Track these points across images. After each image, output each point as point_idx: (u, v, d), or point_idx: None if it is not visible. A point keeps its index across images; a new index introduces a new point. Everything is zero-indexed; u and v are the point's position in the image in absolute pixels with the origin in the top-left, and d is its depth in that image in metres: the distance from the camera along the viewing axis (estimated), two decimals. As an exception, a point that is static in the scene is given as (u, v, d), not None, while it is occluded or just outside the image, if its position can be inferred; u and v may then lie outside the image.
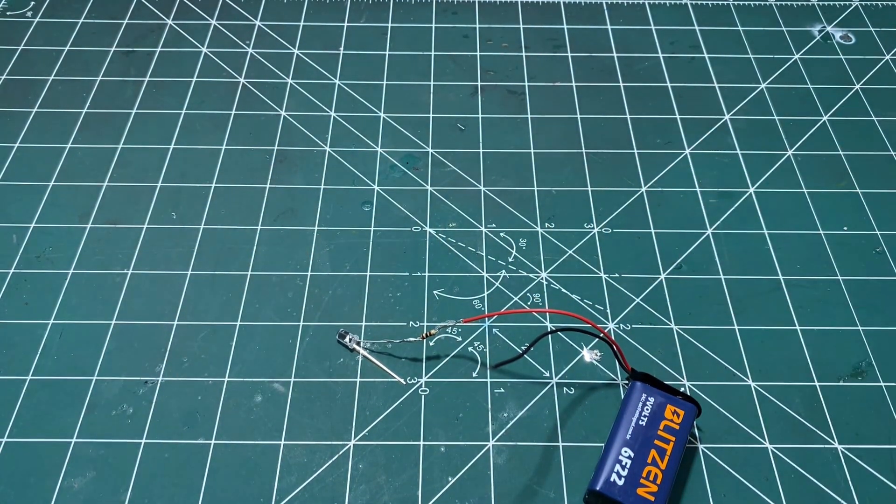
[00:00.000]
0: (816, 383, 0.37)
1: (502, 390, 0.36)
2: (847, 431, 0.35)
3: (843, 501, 0.33)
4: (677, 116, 0.49)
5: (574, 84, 0.51)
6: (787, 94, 0.51)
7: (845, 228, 0.43)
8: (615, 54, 0.54)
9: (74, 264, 0.41)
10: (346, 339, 0.37)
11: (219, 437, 0.34)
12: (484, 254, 0.42)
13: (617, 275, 0.41)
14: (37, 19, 0.55)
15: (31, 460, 0.33)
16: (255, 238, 0.42)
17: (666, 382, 0.34)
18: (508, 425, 0.35)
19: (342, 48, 0.54)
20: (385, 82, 0.51)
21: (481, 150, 0.47)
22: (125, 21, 0.55)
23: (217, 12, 0.56)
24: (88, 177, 0.45)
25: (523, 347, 0.37)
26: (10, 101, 0.49)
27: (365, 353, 0.37)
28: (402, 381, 0.36)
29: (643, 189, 0.45)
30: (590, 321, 0.35)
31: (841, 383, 0.37)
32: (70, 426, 0.34)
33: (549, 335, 0.38)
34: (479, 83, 0.51)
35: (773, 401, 0.36)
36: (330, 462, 0.34)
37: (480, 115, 0.49)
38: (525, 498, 0.33)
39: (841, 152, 0.47)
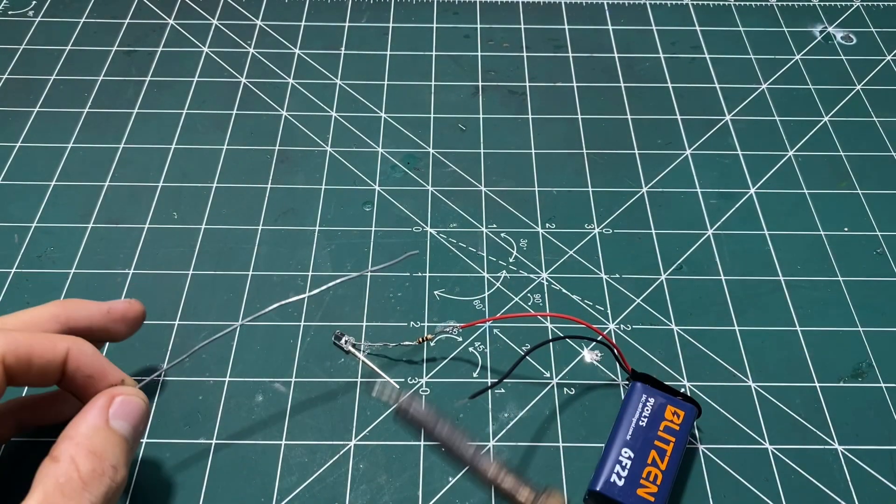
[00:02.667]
0: (816, 384, 0.37)
1: (503, 391, 0.36)
2: (847, 432, 0.35)
3: (843, 502, 0.33)
4: (678, 117, 0.49)
5: (575, 84, 0.51)
6: (788, 94, 0.51)
7: (846, 229, 0.43)
8: (616, 55, 0.54)
9: (76, 264, 0.41)
10: (342, 341, 0.37)
11: (220, 436, 0.34)
12: (485, 254, 0.42)
13: (617, 275, 0.41)
14: (38, 19, 0.55)
15: (32, 459, 0.33)
16: (257, 238, 0.42)
17: (666, 383, 0.35)
18: (509, 425, 0.35)
19: (343, 48, 0.54)
20: (386, 82, 0.51)
21: (482, 151, 0.47)
22: (126, 21, 0.55)
23: (218, 12, 0.56)
24: (90, 176, 0.45)
25: (524, 351, 0.37)
26: (11, 100, 0.49)
27: (360, 356, 0.37)
28: (395, 384, 0.36)
29: (644, 189, 0.45)
30: (587, 323, 0.35)
31: (841, 384, 0.37)
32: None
33: (541, 345, 0.38)
34: (479, 83, 0.51)
35: (773, 401, 0.36)
36: (331, 462, 0.34)
37: (481, 116, 0.49)
38: (525, 498, 0.33)
39: (842, 153, 0.47)
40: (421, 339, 0.37)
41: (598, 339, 0.37)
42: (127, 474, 0.28)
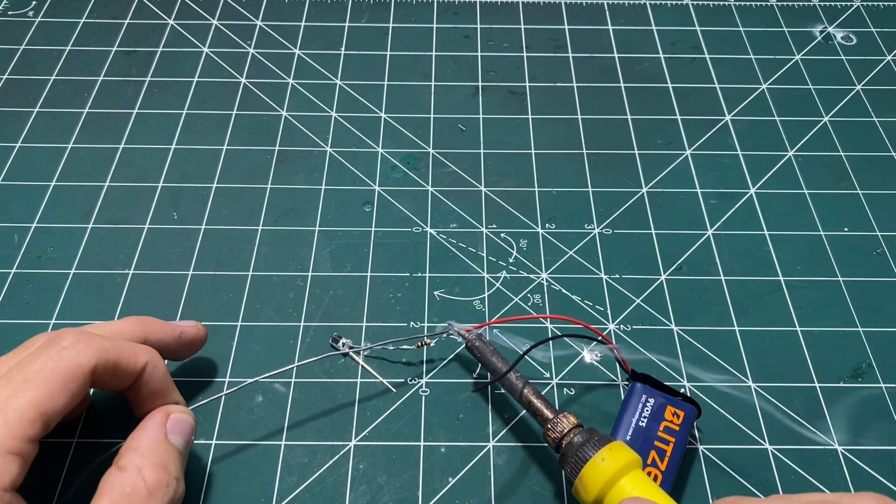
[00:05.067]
0: (816, 384, 0.37)
1: (503, 391, 0.36)
2: (847, 433, 0.35)
3: (842, 502, 0.33)
4: (678, 117, 0.49)
5: (575, 84, 0.51)
6: (788, 94, 0.51)
7: (846, 229, 0.43)
8: (616, 55, 0.54)
9: (76, 264, 0.41)
10: (339, 344, 0.37)
11: (220, 437, 0.34)
12: (485, 254, 0.42)
13: (617, 275, 0.41)
14: (38, 19, 0.55)
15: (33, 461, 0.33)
16: (256, 238, 0.42)
17: (666, 383, 0.35)
18: (509, 426, 0.35)
19: (343, 48, 0.54)
20: (386, 82, 0.51)
21: (482, 151, 0.47)
22: (126, 21, 0.55)
23: (218, 12, 0.56)
24: (90, 177, 0.45)
25: (523, 350, 0.37)
26: (11, 100, 0.49)
27: (357, 359, 0.37)
28: (392, 388, 0.36)
29: (644, 190, 0.45)
30: (586, 324, 0.35)
31: (841, 384, 0.37)
32: (71, 426, 0.34)
33: (540, 344, 0.38)
34: (479, 83, 0.51)
35: (773, 402, 0.36)
36: (331, 462, 0.34)
37: (481, 116, 0.49)
38: (525, 498, 0.33)
39: (842, 153, 0.47)
40: (419, 344, 0.37)
41: (598, 339, 0.37)
42: (184, 488, 0.29)
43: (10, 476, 0.26)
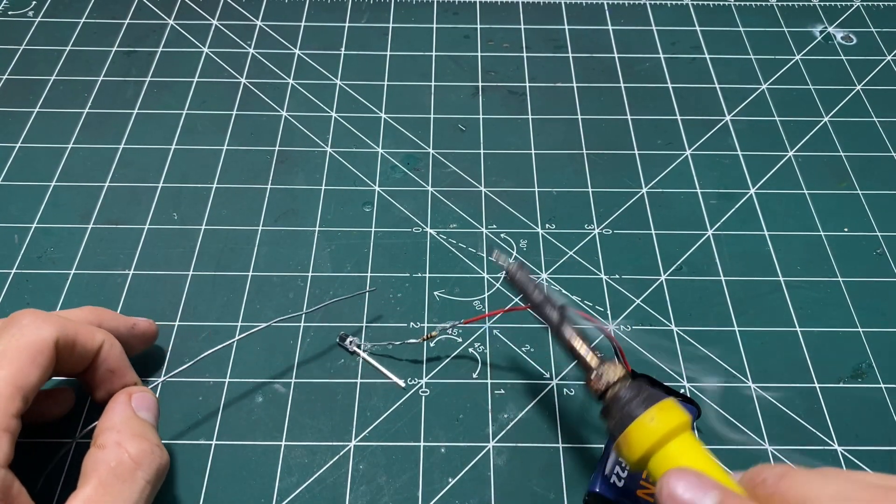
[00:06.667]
0: (816, 385, 0.37)
1: (503, 391, 0.36)
2: (847, 433, 0.35)
3: (842, 503, 0.33)
4: (678, 117, 0.49)
5: (575, 84, 0.51)
6: (788, 94, 0.51)
7: (846, 229, 0.43)
8: (616, 55, 0.54)
9: (76, 264, 0.41)
10: (347, 342, 0.37)
11: (220, 437, 0.34)
12: (485, 255, 0.42)
13: (617, 276, 0.41)
14: (38, 19, 0.55)
15: (33, 461, 0.33)
16: (257, 238, 0.42)
17: (666, 383, 0.35)
18: (509, 426, 0.35)
19: (343, 48, 0.54)
20: (386, 83, 0.51)
21: (482, 151, 0.47)
22: (126, 21, 0.55)
23: (218, 12, 0.56)
24: (90, 177, 0.45)
25: (523, 352, 0.37)
26: (11, 101, 0.49)
27: (366, 357, 0.37)
28: (400, 383, 0.36)
29: (644, 190, 0.45)
30: (589, 316, 0.35)
31: (841, 385, 0.37)
32: (72, 427, 0.34)
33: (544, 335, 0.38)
34: (479, 84, 0.51)
35: (772, 402, 0.36)
36: (331, 463, 0.34)
37: (481, 116, 0.49)
38: (525, 499, 0.33)
39: (842, 153, 0.47)
40: (425, 337, 0.37)
41: (604, 332, 0.37)
42: (168, 456, 0.30)
43: (3, 453, 0.26)
